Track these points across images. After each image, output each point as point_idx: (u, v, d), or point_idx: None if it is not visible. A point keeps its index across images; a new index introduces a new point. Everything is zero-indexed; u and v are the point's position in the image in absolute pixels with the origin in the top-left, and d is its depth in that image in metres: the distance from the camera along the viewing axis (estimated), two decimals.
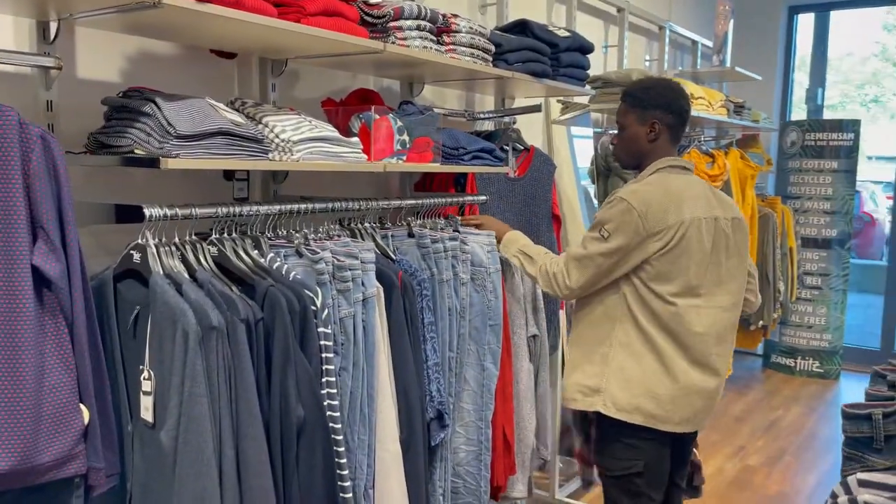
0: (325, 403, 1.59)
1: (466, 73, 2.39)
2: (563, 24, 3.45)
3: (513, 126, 2.90)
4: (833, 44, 6.03)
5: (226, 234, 1.65)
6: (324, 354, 1.60)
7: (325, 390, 1.60)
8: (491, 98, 3.12)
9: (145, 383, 1.47)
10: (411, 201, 2.15)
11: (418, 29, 2.04)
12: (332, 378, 1.62)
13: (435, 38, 2.12)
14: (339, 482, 1.61)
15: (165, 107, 1.52)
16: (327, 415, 1.58)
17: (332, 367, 1.62)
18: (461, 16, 2.24)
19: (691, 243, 1.94)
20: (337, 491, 1.60)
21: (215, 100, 1.65)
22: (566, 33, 2.67)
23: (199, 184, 2.07)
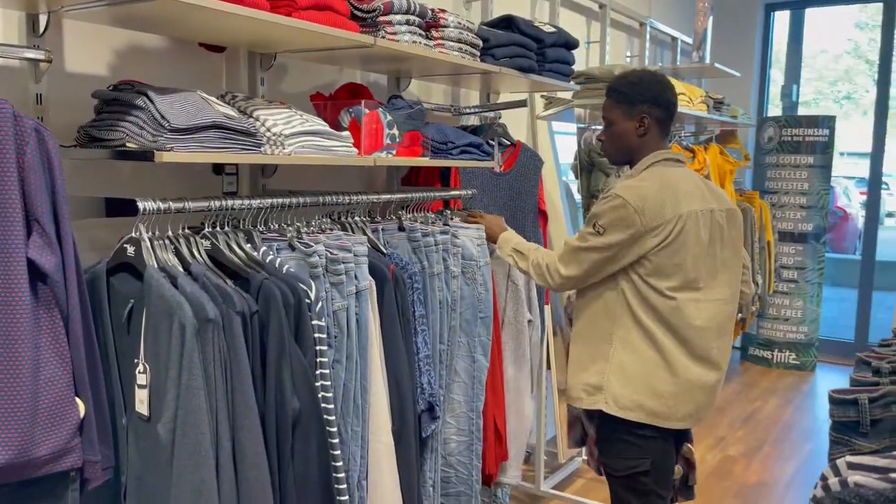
0: (320, 395, 1.60)
1: (453, 67, 2.40)
2: (546, 20, 3.48)
3: (498, 121, 2.92)
4: (807, 41, 6.13)
5: (218, 228, 1.65)
6: (318, 347, 1.61)
7: (319, 382, 1.61)
8: (476, 93, 3.14)
9: (140, 376, 1.47)
10: (402, 195, 2.16)
11: (407, 24, 2.05)
12: (326, 370, 1.63)
13: (424, 32, 2.13)
14: (333, 473, 1.62)
15: (158, 100, 1.52)
16: (321, 407, 1.60)
17: (325, 360, 1.63)
18: (449, 11, 2.26)
19: (689, 237, 1.93)
20: (331, 482, 1.62)
21: (205, 94, 1.65)
22: (551, 29, 2.69)
23: (189, 178, 2.06)
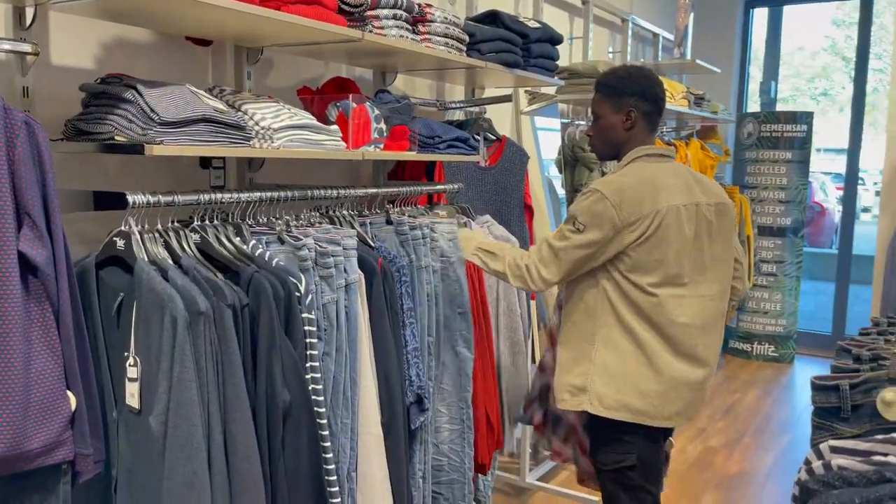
0: (310, 388, 1.61)
1: (438, 62, 2.41)
2: (529, 16, 3.50)
3: (483, 116, 2.93)
4: (785, 38, 6.21)
5: (207, 222, 1.65)
6: (308, 340, 1.62)
7: (309, 375, 1.62)
8: (461, 88, 3.15)
9: (131, 370, 1.47)
10: (390, 189, 2.17)
11: (394, 18, 2.06)
12: (316, 363, 1.64)
13: (410, 27, 2.14)
14: (323, 465, 1.64)
15: (147, 93, 1.52)
16: (312, 399, 1.61)
17: (315, 353, 1.64)
18: (435, 6, 2.27)
19: (669, 232, 1.91)
20: (321, 474, 1.63)
21: (193, 87, 1.65)
22: (536, 24, 2.72)
23: (176, 172, 2.06)
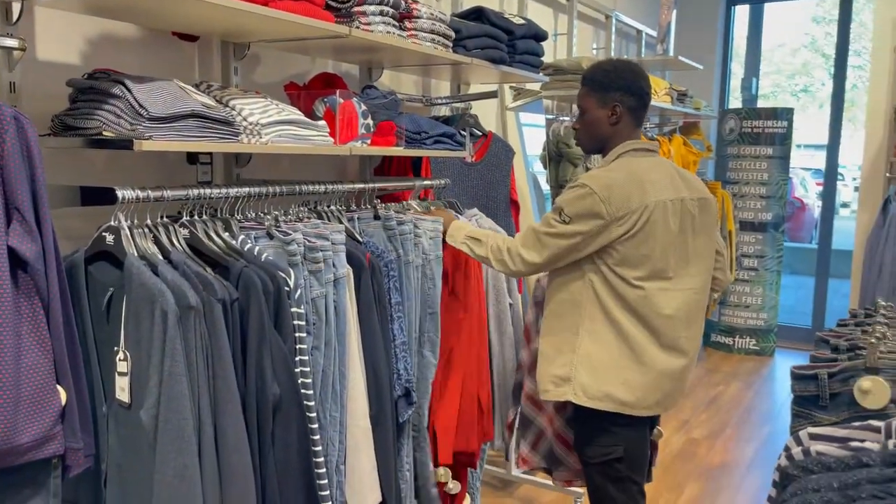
0: (299, 382, 1.62)
1: (424, 58, 2.42)
2: (514, 12, 3.52)
3: (469, 112, 2.95)
4: (766, 35, 6.28)
5: (196, 217, 1.66)
6: (297, 334, 1.63)
7: (298, 369, 1.63)
8: (447, 83, 3.17)
9: (121, 364, 1.47)
10: (378, 184, 2.18)
11: (381, 14, 2.07)
12: (306, 357, 1.65)
13: (397, 23, 2.16)
14: (312, 458, 1.65)
15: (135, 89, 1.52)
16: (301, 392, 1.62)
17: (305, 347, 1.65)
18: (421, 2, 2.28)
19: (656, 227, 1.93)
20: (311, 466, 1.64)
21: (182, 83, 1.65)
22: (521, 21, 2.74)
23: (163, 167, 2.06)
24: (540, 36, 2.82)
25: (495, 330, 2.48)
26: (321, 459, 1.68)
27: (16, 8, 1.58)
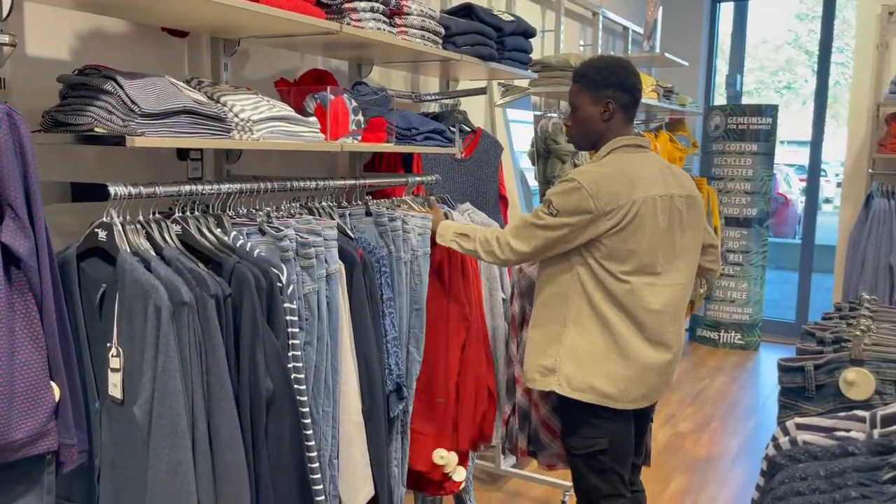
0: (292, 377, 1.63)
1: (413, 54, 2.43)
2: (502, 9, 3.53)
3: (458, 108, 2.96)
4: (750, 32, 6.33)
5: (188, 213, 1.66)
6: (290, 329, 1.64)
7: (291, 364, 1.64)
8: (436, 80, 3.17)
9: (113, 360, 1.47)
10: (369, 181, 2.19)
11: (372, 11, 2.07)
12: (298, 352, 1.66)
13: (387, 20, 2.16)
14: (305, 452, 1.66)
15: (127, 85, 1.52)
16: (294, 388, 1.63)
17: (297, 342, 1.66)
18: None
19: (644, 222, 1.95)
20: (304, 461, 1.65)
21: (173, 79, 1.65)
22: (510, 18, 2.75)
23: (153, 163, 2.05)
24: (528, 33, 2.84)
25: (489, 324, 2.51)
26: (314, 454, 1.69)
27: (6, 4, 1.58)
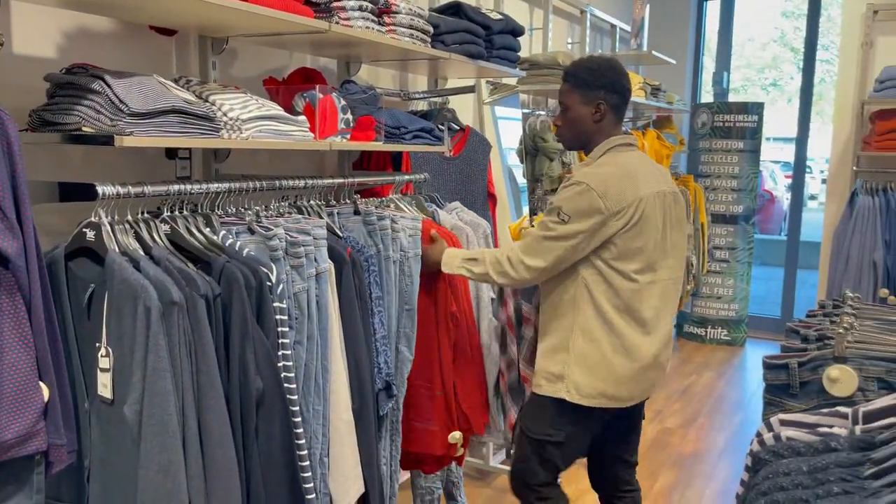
0: (282, 376, 1.63)
1: (402, 53, 2.43)
2: (490, 7, 3.54)
3: (447, 106, 2.97)
4: (736, 29, 6.37)
5: (176, 212, 1.66)
6: (279, 328, 1.64)
7: (281, 363, 1.64)
8: (424, 78, 3.18)
9: (103, 360, 1.47)
10: (358, 179, 2.19)
11: (360, 9, 2.08)
12: (288, 351, 1.66)
13: (376, 18, 2.16)
14: (296, 451, 1.66)
15: (115, 84, 1.51)
16: (284, 387, 1.63)
17: (287, 341, 1.66)
18: None
19: (649, 219, 1.97)
20: (295, 459, 1.66)
21: (161, 78, 1.65)
22: (499, 16, 2.76)
23: (141, 162, 2.05)
24: (517, 31, 2.85)
25: (478, 320, 2.51)
26: (305, 452, 1.70)
27: None
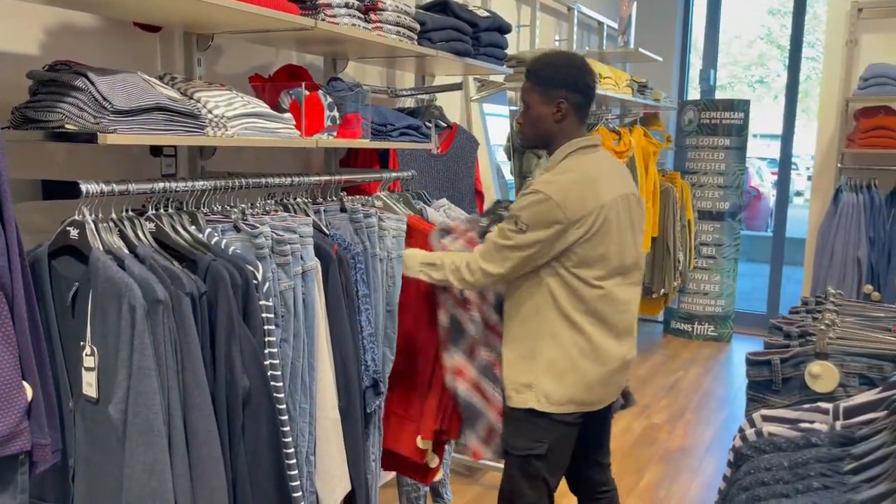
0: (269, 374, 1.63)
1: (389, 50, 2.43)
2: (478, 4, 3.54)
3: (434, 103, 2.97)
4: (723, 27, 6.40)
5: (161, 210, 1.65)
6: (266, 327, 1.64)
7: (267, 361, 1.64)
8: (411, 75, 3.17)
9: (87, 359, 1.47)
10: (344, 177, 2.19)
11: (346, 6, 2.07)
12: (274, 349, 1.66)
13: (362, 15, 2.16)
14: (282, 449, 1.66)
15: (98, 81, 1.50)
16: (270, 385, 1.63)
17: (273, 339, 1.66)
18: None
19: (611, 225, 1.95)
20: (281, 457, 1.65)
21: (146, 75, 1.64)
22: (486, 13, 2.76)
23: (126, 160, 2.04)
24: (504, 28, 2.85)
25: None
26: (291, 451, 1.70)
27: None
